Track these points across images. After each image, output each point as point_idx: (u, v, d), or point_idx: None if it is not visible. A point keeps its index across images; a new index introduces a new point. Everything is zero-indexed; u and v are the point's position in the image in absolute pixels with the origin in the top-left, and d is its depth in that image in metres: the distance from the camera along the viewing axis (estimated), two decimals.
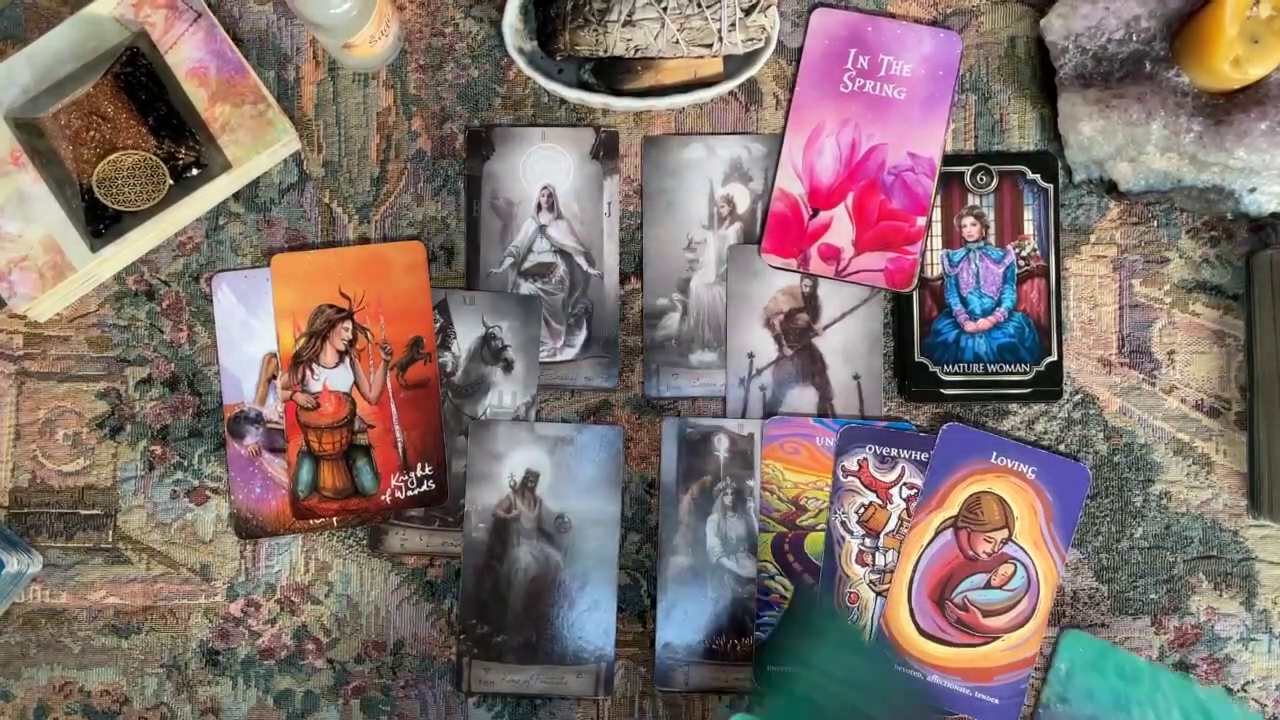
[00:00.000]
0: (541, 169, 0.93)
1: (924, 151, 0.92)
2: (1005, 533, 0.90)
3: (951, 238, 0.92)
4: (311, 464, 0.91)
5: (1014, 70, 0.94)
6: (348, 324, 0.91)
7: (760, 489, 0.91)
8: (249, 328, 0.92)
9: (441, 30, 0.94)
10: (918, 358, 0.91)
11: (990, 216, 0.92)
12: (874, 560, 0.90)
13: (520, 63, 0.91)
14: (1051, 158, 0.92)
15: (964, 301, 0.91)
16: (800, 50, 0.93)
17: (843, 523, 0.91)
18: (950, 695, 0.89)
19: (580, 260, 0.93)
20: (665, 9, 0.87)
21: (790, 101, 0.93)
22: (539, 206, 0.93)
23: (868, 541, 0.90)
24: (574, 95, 0.91)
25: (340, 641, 0.92)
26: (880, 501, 0.91)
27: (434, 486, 0.91)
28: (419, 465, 0.91)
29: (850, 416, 0.92)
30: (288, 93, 0.93)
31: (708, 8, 0.88)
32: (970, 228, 0.92)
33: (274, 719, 0.91)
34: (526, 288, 0.93)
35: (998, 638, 0.90)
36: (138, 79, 0.88)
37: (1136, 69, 0.87)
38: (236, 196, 0.93)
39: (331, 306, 0.91)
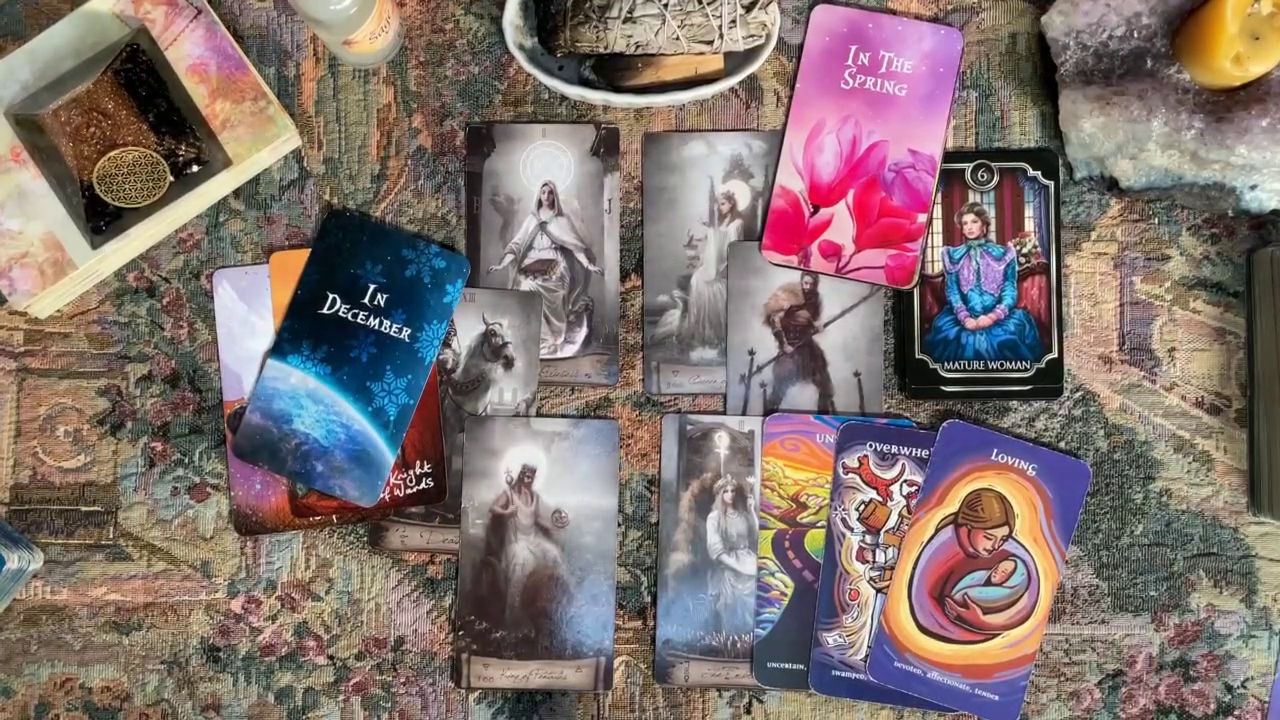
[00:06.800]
0: (542, 166, 0.93)
1: (925, 148, 0.92)
2: (1005, 530, 0.90)
3: (952, 235, 0.92)
4: None
5: (1015, 67, 0.94)
6: None
7: (761, 486, 0.91)
8: (249, 324, 0.92)
9: (442, 27, 0.94)
10: (918, 355, 0.91)
11: (991, 213, 0.92)
12: (874, 557, 0.90)
13: (521, 59, 0.91)
14: (1052, 155, 0.92)
15: (964, 298, 0.91)
16: (801, 47, 0.93)
17: (843, 520, 0.91)
18: (950, 692, 0.89)
19: (581, 257, 0.93)
20: (666, 6, 0.87)
21: (791, 98, 0.93)
22: (539, 203, 0.93)
23: (868, 538, 0.90)
24: (574, 92, 0.91)
25: (341, 638, 0.92)
26: (881, 498, 0.91)
27: (433, 484, 0.91)
28: (418, 463, 0.91)
29: (851, 413, 0.92)
30: (288, 89, 0.93)
31: (708, 4, 0.87)
32: (971, 225, 0.92)
33: (275, 715, 0.91)
34: (527, 284, 0.93)
35: (998, 634, 0.90)
36: (138, 75, 0.88)
37: (1137, 66, 0.87)
38: (237, 193, 0.93)
39: None
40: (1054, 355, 0.91)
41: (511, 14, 0.91)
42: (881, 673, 0.90)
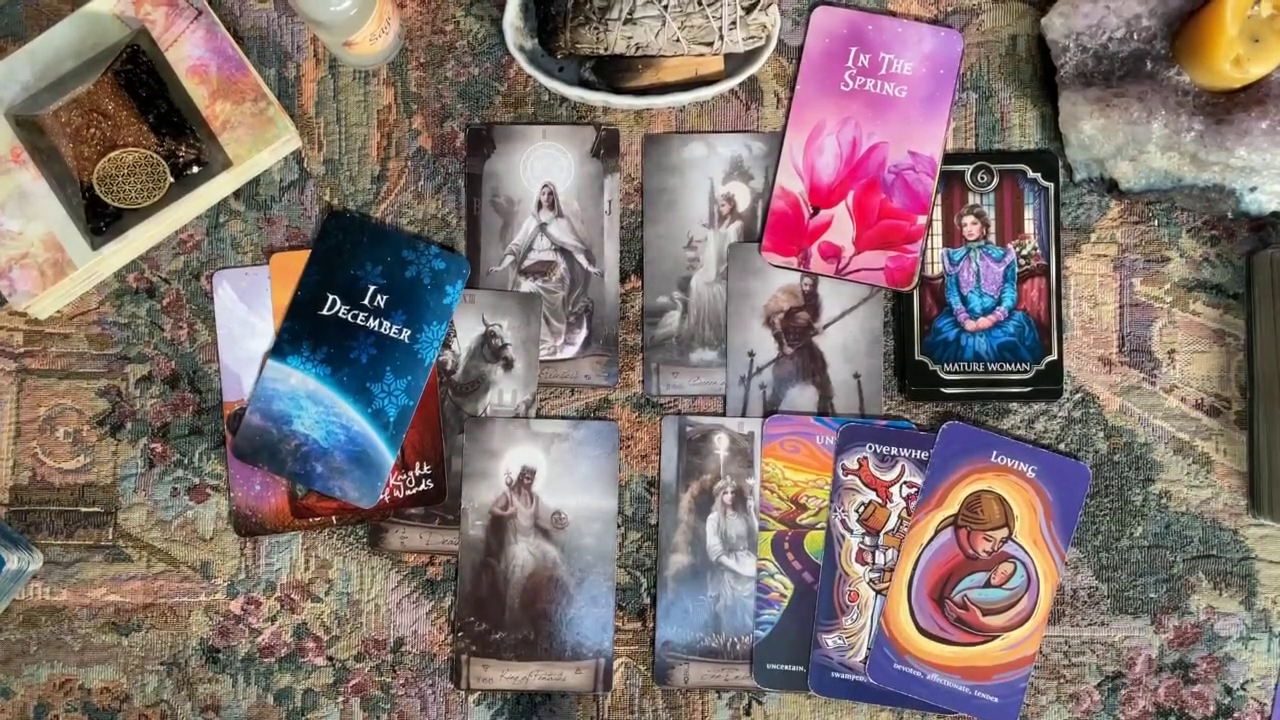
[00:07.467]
0: (542, 167, 0.93)
1: (925, 150, 0.92)
2: (1005, 531, 0.90)
3: (952, 236, 0.92)
4: None
5: (1015, 69, 0.94)
6: None
7: (760, 487, 0.91)
8: (249, 325, 0.92)
9: (442, 28, 0.94)
10: (918, 356, 0.91)
11: (991, 215, 0.92)
12: (874, 559, 0.90)
13: (521, 61, 0.91)
14: (1052, 156, 0.92)
15: (964, 300, 0.91)
16: (801, 48, 0.93)
17: (843, 521, 0.91)
18: (950, 694, 0.89)
19: (580, 258, 0.93)
20: (666, 7, 0.87)
21: (791, 100, 0.93)
22: (539, 204, 0.93)
23: (868, 540, 0.90)
24: (575, 93, 0.91)
25: (340, 639, 0.92)
26: (880, 500, 0.91)
27: (432, 486, 0.91)
28: (418, 464, 0.91)
29: (850, 415, 0.92)
30: (288, 90, 0.94)
31: (709, 6, 0.88)
32: (971, 226, 0.92)
33: (274, 717, 0.91)
34: (527, 286, 0.93)
35: (997, 636, 0.90)
36: (138, 76, 0.88)
37: (1137, 68, 0.87)
38: (237, 194, 0.93)
39: None
40: (1054, 357, 0.91)
41: (512, 15, 0.91)
42: (881, 674, 0.90)
